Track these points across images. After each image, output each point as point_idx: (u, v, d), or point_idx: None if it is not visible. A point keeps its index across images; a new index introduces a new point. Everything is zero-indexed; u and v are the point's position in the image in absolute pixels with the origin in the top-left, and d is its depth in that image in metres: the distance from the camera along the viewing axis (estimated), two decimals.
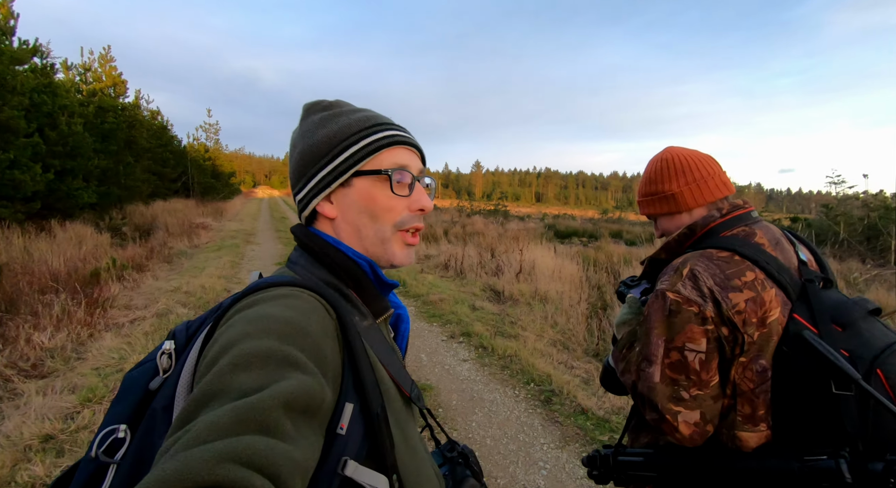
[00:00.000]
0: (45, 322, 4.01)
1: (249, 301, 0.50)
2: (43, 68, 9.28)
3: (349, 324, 0.54)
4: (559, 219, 27.60)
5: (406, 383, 0.63)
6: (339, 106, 0.69)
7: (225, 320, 0.49)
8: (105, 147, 11.92)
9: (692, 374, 0.85)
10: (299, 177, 0.67)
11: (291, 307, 0.48)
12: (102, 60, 13.56)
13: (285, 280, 0.55)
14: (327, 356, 0.47)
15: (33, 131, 8.13)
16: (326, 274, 0.62)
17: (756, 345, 0.83)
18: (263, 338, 0.42)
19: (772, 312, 0.84)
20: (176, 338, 0.56)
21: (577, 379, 3.58)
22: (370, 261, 0.65)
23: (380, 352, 0.60)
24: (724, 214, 0.97)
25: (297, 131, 0.69)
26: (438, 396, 3.24)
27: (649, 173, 1.08)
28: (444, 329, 4.86)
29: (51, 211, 9.48)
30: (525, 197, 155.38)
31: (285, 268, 0.65)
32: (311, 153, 0.65)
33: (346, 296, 0.61)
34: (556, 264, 7.42)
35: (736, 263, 0.87)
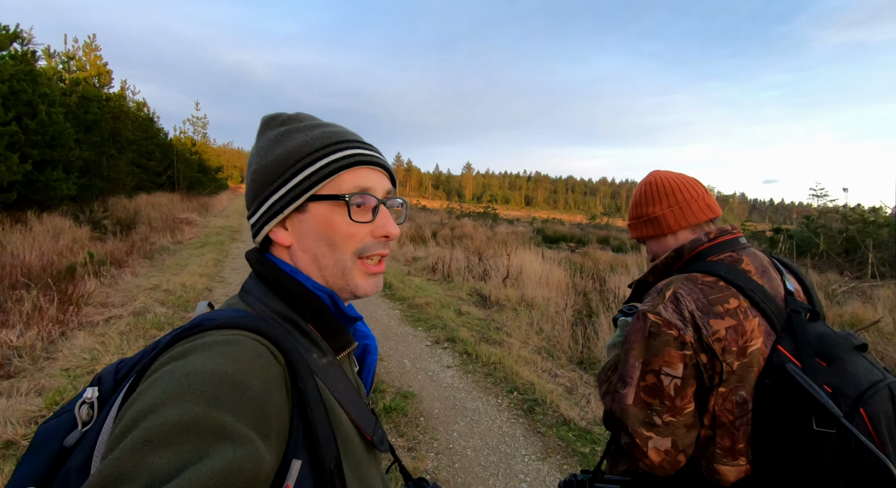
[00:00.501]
0: (14, 319, 3.86)
1: (182, 349, 0.44)
2: (23, 55, 9.00)
3: (301, 369, 0.48)
4: (548, 223, 27.75)
5: (368, 425, 0.58)
6: (299, 120, 0.63)
7: (151, 372, 0.43)
8: (88, 138, 11.62)
9: (666, 399, 0.83)
10: (252, 199, 0.61)
11: (229, 357, 0.42)
12: (87, 49, 13.24)
13: (229, 319, 0.49)
14: (270, 413, 0.42)
15: (11, 119, 7.88)
16: (282, 306, 0.56)
17: (736, 374, 0.81)
18: (188, 402, 0.36)
19: (753, 342, 0.82)
20: (102, 384, 0.50)
21: (561, 389, 3.56)
22: (330, 293, 0.59)
23: (339, 392, 0.55)
24: (711, 239, 0.96)
25: (253, 148, 0.64)
26: (421, 404, 3.19)
27: (636, 197, 1.09)
28: (429, 334, 4.81)
29: (28, 202, 9.20)
30: (515, 200, 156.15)
31: (238, 298, 0.59)
32: (265, 174, 0.59)
33: (303, 331, 0.56)
34: (543, 270, 7.43)
35: (720, 289, 0.85)
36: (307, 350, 0.54)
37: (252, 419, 0.39)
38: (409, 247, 11.06)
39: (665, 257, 0.99)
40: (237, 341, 0.45)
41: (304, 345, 0.54)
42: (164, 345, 0.46)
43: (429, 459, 2.57)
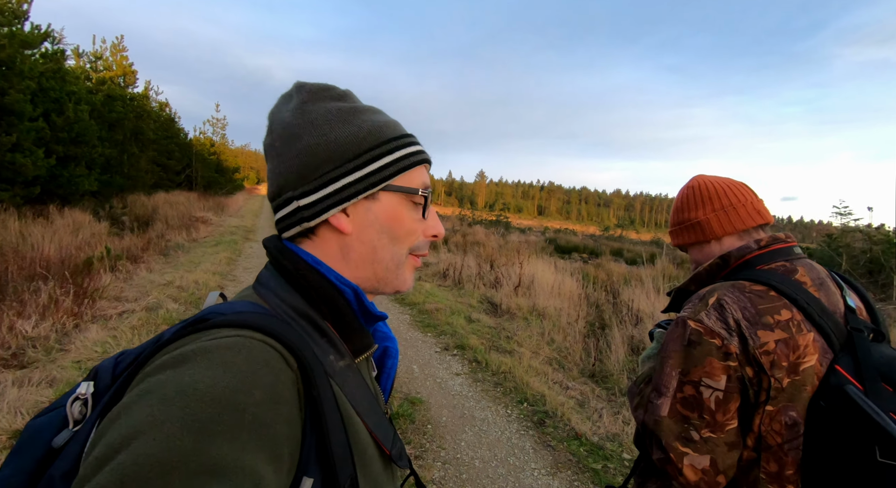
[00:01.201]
0: (30, 310, 3.91)
1: (180, 353, 0.39)
2: (53, 54, 9.26)
3: (316, 374, 0.44)
4: (560, 233, 27.56)
5: (387, 438, 0.53)
6: (354, 100, 0.59)
7: (143, 376, 0.38)
8: (111, 135, 11.90)
9: (706, 413, 0.76)
10: (306, 176, 0.53)
11: (231, 367, 0.37)
12: (114, 49, 13.60)
13: (238, 316, 0.44)
14: (278, 433, 0.37)
15: (39, 116, 8.09)
16: (300, 301, 0.51)
17: (786, 393, 0.74)
18: (176, 430, 0.31)
19: (807, 359, 0.75)
20: (98, 379, 0.45)
21: (572, 401, 3.47)
22: (356, 289, 0.54)
23: (357, 399, 0.50)
24: (762, 246, 0.88)
25: (295, 114, 0.54)
26: (428, 411, 3.14)
27: (677, 202, 1.03)
28: (438, 340, 4.76)
29: (50, 196, 9.41)
30: (527, 209, 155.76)
31: (251, 290, 0.54)
32: (331, 151, 0.52)
33: (321, 329, 0.51)
34: (555, 279, 7.33)
35: (771, 299, 0.78)
36: (324, 351, 0.49)
37: (256, 444, 0.34)
38: None
39: (709, 264, 0.93)
40: (242, 346, 0.40)
41: (322, 346, 0.49)
42: (167, 339, 0.42)
43: (435, 469, 2.51)
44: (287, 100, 0.57)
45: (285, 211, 0.54)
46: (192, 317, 0.45)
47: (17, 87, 7.03)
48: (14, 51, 7.00)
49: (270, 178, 0.56)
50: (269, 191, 0.57)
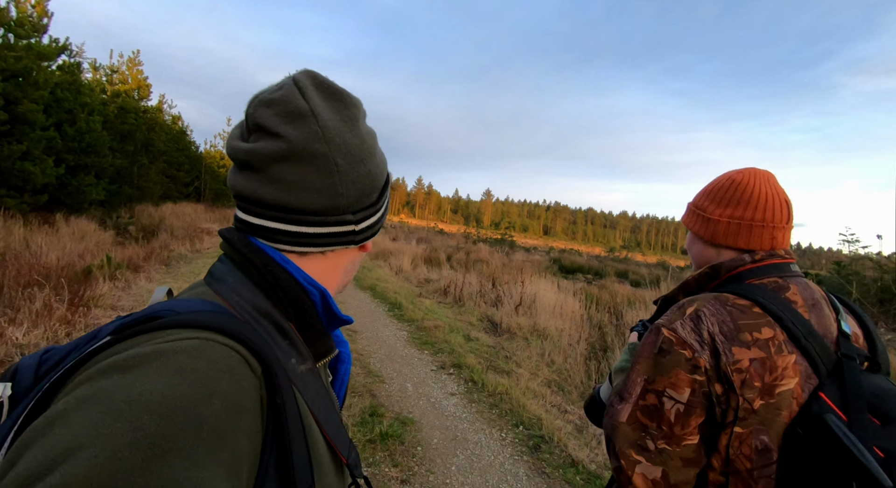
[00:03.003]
0: (22, 316, 3.87)
1: (129, 355, 0.34)
2: (69, 66, 9.51)
3: (280, 380, 0.40)
4: (565, 253, 27.43)
5: (343, 446, 0.50)
6: (367, 121, 0.58)
7: (83, 380, 0.33)
8: (122, 146, 12.10)
9: (664, 424, 0.73)
10: (361, 202, 0.52)
11: (188, 374, 0.33)
12: (130, 64, 13.96)
13: (196, 315, 0.40)
14: (238, 444, 0.34)
15: (50, 125, 8.25)
16: (262, 299, 0.48)
17: (758, 415, 0.69)
18: (122, 449, 0.27)
19: (785, 382, 0.70)
20: (18, 378, 0.40)
21: (570, 426, 3.35)
22: (324, 291, 0.51)
23: (317, 406, 0.48)
24: (755, 260, 0.82)
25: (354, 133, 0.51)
26: (420, 432, 3.02)
27: (713, 185, 0.92)
28: (434, 358, 4.65)
29: (58, 204, 9.52)
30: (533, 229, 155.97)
31: (205, 287, 0.49)
32: (374, 181, 0.54)
33: (283, 331, 0.48)
34: (557, 299, 7.22)
35: (753, 315, 0.73)
36: (286, 354, 0.46)
37: (214, 460, 0.31)
38: (422, 269, 10.98)
39: (698, 273, 0.87)
40: (202, 349, 0.36)
41: (283, 348, 0.46)
42: (112, 338, 0.37)
43: None
44: (333, 104, 0.51)
45: (336, 229, 0.51)
46: (137, 314, 0.41)
47: (30, 97, 7.19)
48: (30, 62, 7.18)
49: (317, 189, 0.48)
50: (309, 199, 0.48)
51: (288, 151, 0.46)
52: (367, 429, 2.89)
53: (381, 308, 6.75)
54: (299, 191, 0.48)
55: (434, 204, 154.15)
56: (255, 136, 0.49)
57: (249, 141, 0.49)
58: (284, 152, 0.46)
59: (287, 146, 0.46)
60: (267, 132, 0.47)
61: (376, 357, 4.46)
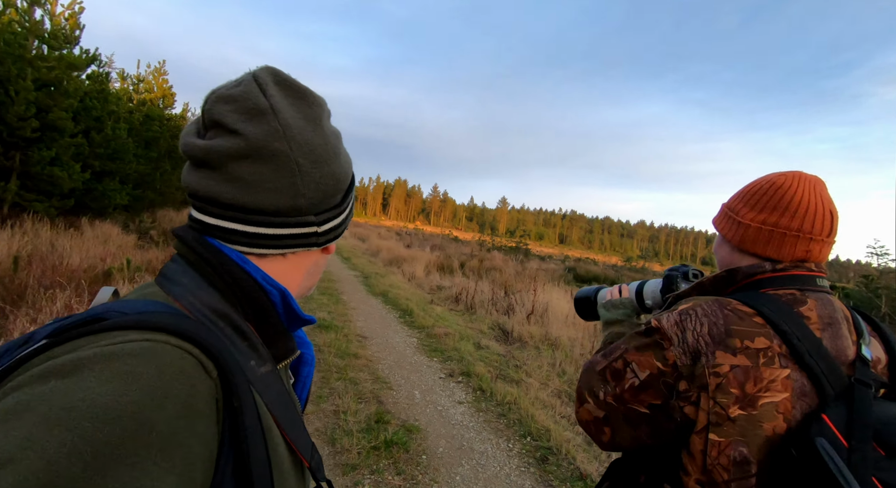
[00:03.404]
0: (43, 317, 3.99)
1: (69, 359, 0.32)
2: (98, 76, 9.87)
3: (238, 383, 0.39)
4: (581, 262, 27.10)
5: (306, 449, 0.49)
6: (328, 114, 0.56)
7: (15, 386, 0.31)
8: (146, 153, 12.46)
9: (618, 388, 0.79)
10: (324, 203, 0.52)
11: (138, 379, 0.32)
12: (156, 73, 14.43)
13: (145, 316, 0.38)
14: (191, 450, 0.32)
15: (79, 132, 8.55)
16: (218, 300, 0.46)
17: (736, 426, 0.67)
18: (60, 460, 0.26)
19: (770, 395, 0.67)
20: None
21: (580, 438, 3.27)
22: (283, 290, 0.50)
23: (277, 408, 0.46)
24: (776, 269, 0.77)
25: (317, 132, 0.50)
26: (425, 440, 3.00)
27: (751, 186, 0.85)
28: (443, 366, 4.62)
29: (84, 209, 9.82)
30: (548, 237, 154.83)
31: (155, 287, 0.47)
32: (338, 182, 0.53)
33: (242, 332, 0.46)
34: (571, 308, 7.12)
35: (751, 324, 0.71)
36: (244, 355, 0.45)
37: (165, 467, 0.29)
38: (434, 276, 10.97)
39: (714, 275, 0.84)
40: (152, 351, 0.34)
41: (242, 350, 0.45)
42: (47, 342, 0.35)
43: None
44: (295, 102, 0.50)
45: (296, 230, 0.50)
46: (77, 316, 0.39)
47: (60, 106, 7.48)
48: (61, 72, 7.48)
49: (276, 189, 0.47)
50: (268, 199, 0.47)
51: (246, 149, 0.45)
52: (371, 436, 2.88)
53: (393, 314, 6.76)
54: (257, 190, 0.46)
55: (449, 211, 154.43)
56: (211, 133, 0.47)
57: (206, 138, 0.48)
58: (242, 150, 0.45)
59: (245, 144, 0.45)
60: (225, 129, 0.46)
61: (385, 363, 4.46)
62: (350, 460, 2.58)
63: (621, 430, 0.81)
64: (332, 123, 0.56)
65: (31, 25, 7.15)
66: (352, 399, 3.41)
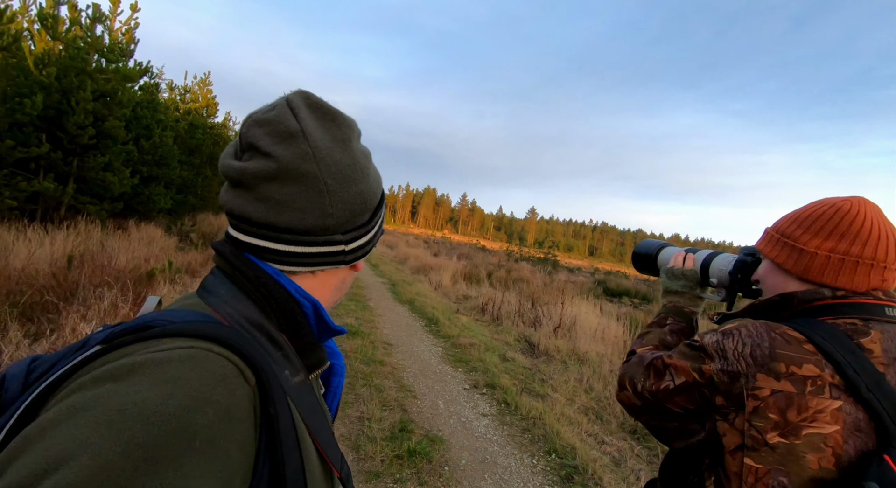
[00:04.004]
0: (92, 314, 4.23)
1: (122, 364, 0.34)
2: (149, 87, 10.48)
3: (274, 390, 0.40)
4: (611, 275, 26.45)
5: (336, 459, 0.50)
6: (360, 139, 0.59)
7: (74, 389, 0.33)
8: (189, 160, 13.09)
9: (655, 385, 0.82)
10: (351, 222, 0.54)
11: (181, 384, 0.34)
12: (201, 84, 15.20)
13: (189, 325, 0.40)
14: (231, 455, 0.34)
15: (130, 140, 9.08)
16: (255, 311, 0.48)
17: (776, 453, 0.64)
18: (113, 459, 0.28)
19: (816, 426, 0.64)
20: (6, 387, 0.40)
21: (607, 458, 3.18)
22: (316, 302, 0.52)
23: (310, 417, 0.48)
24: (837, 296, 0.73)
25: (346, 153, 0.52)
26: (448, 451, 2.98)
27: (807, 211, 0.80)
28: (468, 376, 4.60)
29: (131, 212, 10.40)
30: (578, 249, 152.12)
31: (196, 298, 0.49)
32: (366, 202, 0.55)
33: (276, 342, 0.48)
34: (599, 323, 6.96)
35: (800, 350, 0.67)
36: (279, 365, 0.46)
37: (206, 471, 0.31)
38: (461, 285, 10.96)
39: (767, 299, 0.80)
40: (195, 358, 0.36)
41: (276, 359, 0.47)
42: (103, 348, 0.37)
43: None
44: (325, 124, 0.52)
45: (324, 249, 0.52)
46: (127, 323, 0.42)
47: (115, 115, 7.97)
48: (117, 84, 7.98)
49: (305, 209, 0.49)
50: (296, 218, 0.49)
51: (277, 171, 0.47)
52: (395, 445, 2.89)
53: (419, 322, 6.79)
54: (287, 210, 0.48)
55: (477, 220, 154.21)
56: (247, 155, 0.50)
57: (242, 159, 0.50)
58: (273, 171, 0.47)
59: (276, 165, 0.47)
60: (258, 151, 0.48)
61: (410, 372, 4.48)
62: (374, 467, 2.60)
63: (655, 420, 0.85)
64: (365, 135, 0.59)
65: (92, 40, 7.69)
66: (377, 406, 3.44)
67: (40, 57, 7.01)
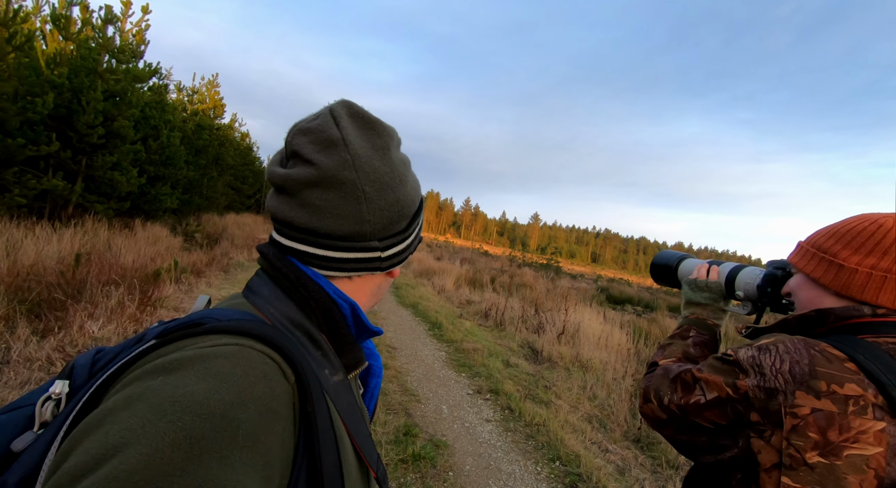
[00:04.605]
0: (99, 312, 4.25)
1: (172, 359, 0.36)
2: (157, 88, 10.57)
3: (313, 389, 0.42)
4: (614, 283, 26.38)
5: (372, 459, 0.51)
6: (400, 148, 0.61)
7: (130, 380, 0.36)
8: (196, 160, 13.17)
9: (683, 400, 0.80)
10: (389, 229, 0.55)
11: (226, 379, 0.35)
12: (209, 85, 15.32)
13: (234, 323, 0.42)
14: (271, 450, 0.35)
15: (138, 140, 9.15)
16: (295, 311, 0.50)
17: (815, 473, 0.62)
18: (165, 447, 0.29)
19: (859, 446, 0.62)
20: (74, 376, 0.43)
21: (611, 467, 3.17)
22: (353, 304, 0.54)
23: (348, 417, 0.49)
24: (878, 314, 0.72)
25: (385, 161, 0.54)
26: (452, 457, 2.98)
27: (846, 226, 0.79)
28: (471, 382, 4.59)
29: (138, 211, 10.45)
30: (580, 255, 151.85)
31: (242, 298, 0.52)
32: (403, 209, 0.56)
33: (316, 342, 0.50)
34: (603, 330, 6.94)
35: (842, 369, 0.66)
36: (319, 364, 0.48)
37: (248, 464, 0.32)
38: (464, 290, 10.96)
39: (801, 314, 0.78)
40: (239, 355, 0.38)
41: (316, 359, 0.48)
42: (157, 342, 0.40)
43: None
44: (365, 133, 0.53)
45: (361, 255, 0.53)
46: (179, 320, 0.44)
47: (124, 115, 8.04)
48: (127, 84, 8.06)
49: (343, 215, 0.51)
50: (336, 224, 0.51)
51: (318, 178, 0.49)
52: (400, 449, 2.89)
53: (422, 326, 6.79)
54: (327, 216, 0.50)
55: (480, 225, 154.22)
56: (291, 163, 0.52)
57: (287, 166, 0.53)
58: (315, 178, 0.49)
59: (317, 172, 0.49)
60: (302, 159, 0.50)
61: (414, 376, 4.47)
62: None
63: (681, 434, 0.83)
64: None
65: (103, 41, 7.77)
66: (381, 409, 3.44)
67: (52, 57, 7.09)
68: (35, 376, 3.10)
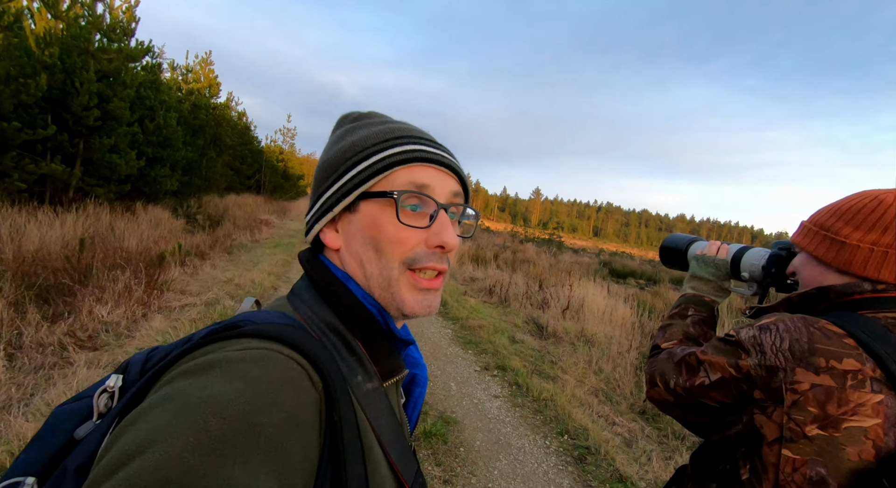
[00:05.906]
0: (107, 296, 4.27)
1: (206, 360, 0.37)
2: (151, 67, 10.32)
3: (340, 397, 0.40)
4: (616, 256, 26.41)
5: (408, 471, 0.49)
6: (370, 117, 0.60)
7: (168, 380, 0.37)
8: (193, 141, 13.01)
9: (688, 382, 0.82)
10: (311, 196, 0.59)
11: (252, 382, 0.35)
12: (203, 63, 14.96)
13: (267, 326, 0.42)
14: (292, 457, 0.34)
15: (135, 121, 9.00)
16: (331, 315, 0.50)
17: (814, 444, 0.65)
18: (188, 448, 0.29)
19: (857, 419, 0.64)
20: (128, 372, 0.45)
21: (618, 439, 3.23)
22: (380, 308, 0.52)
23: (381, 426, 0.47)
24: (877, 290, 0.73)
25: (332, 140, 0.62)
26: (462, 433, 3.04)
27: (847, 204, 0.79)
28: (478, 358, 4.65)
29: (138, 194, 10.39)
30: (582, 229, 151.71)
31: (286, 300, 0.53)
32: (323, 169, 0.57)
33: (350, 347, 0.49)
34: (607, 305, 6.98)
35: (840, 344, 0.67)
36: (352, 371, 0.47)
37: (268, 470, 0.31)
38: (468, 267, 10.99)
39: (804, 292, 0.80)
40: (267, 359, 0.37)
41: (350, 365, 0.47)
42: (196, 343, 0.41)
43: None
44: (335, 129, 0.63)
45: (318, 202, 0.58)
46: (225, 322, 0.44)
47: (119, 96, 7.88)
48: (120, 64, 7.86)
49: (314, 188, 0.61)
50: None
51: None
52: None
53: None
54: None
55: (482, 201, 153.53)
56: None
57: None
58: None
59: None
60: None
61: (421, 353, 4.52)
62: None
63: (689, 414, 0.85)
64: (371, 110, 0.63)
65: (93, 19, 7.53)
66: None
67: (42, 36, 6.88)
68: (49, 361, 3.14)
